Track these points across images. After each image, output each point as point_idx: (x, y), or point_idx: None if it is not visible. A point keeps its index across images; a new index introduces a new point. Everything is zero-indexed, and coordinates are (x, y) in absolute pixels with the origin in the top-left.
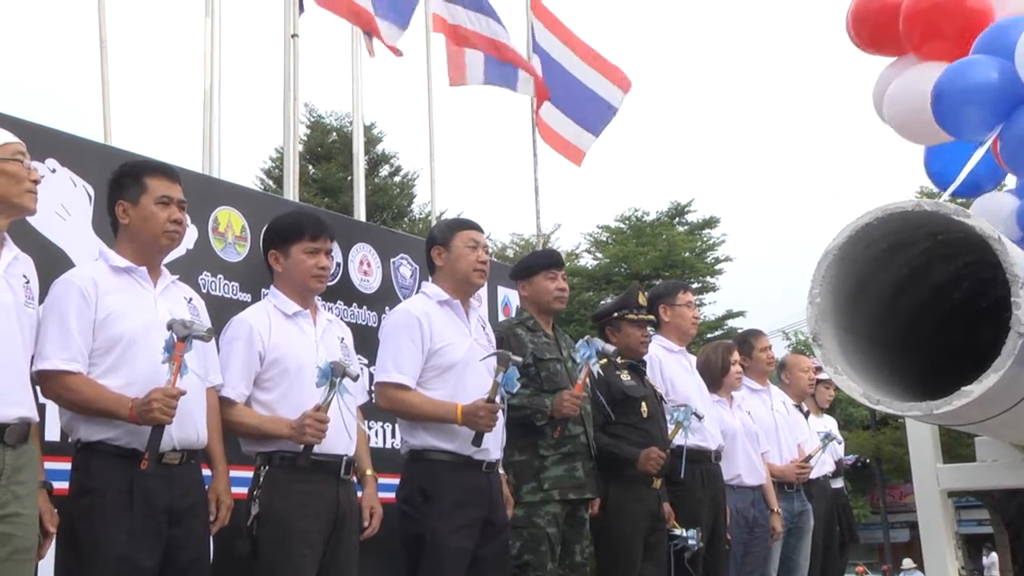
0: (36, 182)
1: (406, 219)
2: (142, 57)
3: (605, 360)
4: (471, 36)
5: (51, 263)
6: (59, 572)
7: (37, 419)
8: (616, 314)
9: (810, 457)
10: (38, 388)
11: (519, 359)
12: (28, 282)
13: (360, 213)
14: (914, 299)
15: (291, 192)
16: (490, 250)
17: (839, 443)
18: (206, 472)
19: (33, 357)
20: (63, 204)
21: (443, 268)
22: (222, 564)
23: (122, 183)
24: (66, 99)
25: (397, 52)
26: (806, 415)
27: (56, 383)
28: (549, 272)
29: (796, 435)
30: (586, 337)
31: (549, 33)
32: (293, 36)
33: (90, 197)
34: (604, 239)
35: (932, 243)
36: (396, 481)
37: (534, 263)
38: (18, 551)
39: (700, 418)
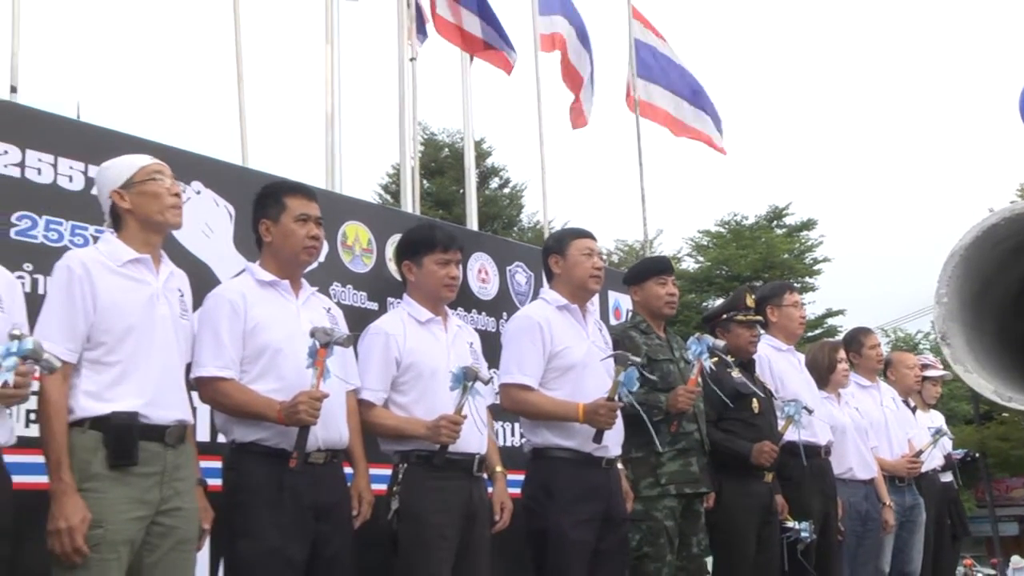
0: (177, 196)
1: (515, 228)
2: (268, 82)
3: (717, 358)
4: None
5: (198, 278)
6: (214, 560)
7: (192, 422)
8: (725, 315)
9: (921, 452)
10: (195, 393)
11: (638, 359)
12: (183, 296)
13: (472, 224)
14: None
15: (409, 205)
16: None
17: (949, 438)
18: (348, 470)
19: (189, 365)
20: (207, 223)
21: (560, 275)
22: (365, 556)
23: (264, 203)
24: (208, 125)
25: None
26: (913, 411)
27: (211, 388)
28: (659, 278)
29: (906, 430)
30: (696, 335)
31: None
32: (411, 60)
33: (231, 215)
34: (705, 243)
35: None
36: (519, 477)
37: (645, 269)
38: (182, 542)
39: (811, 412)
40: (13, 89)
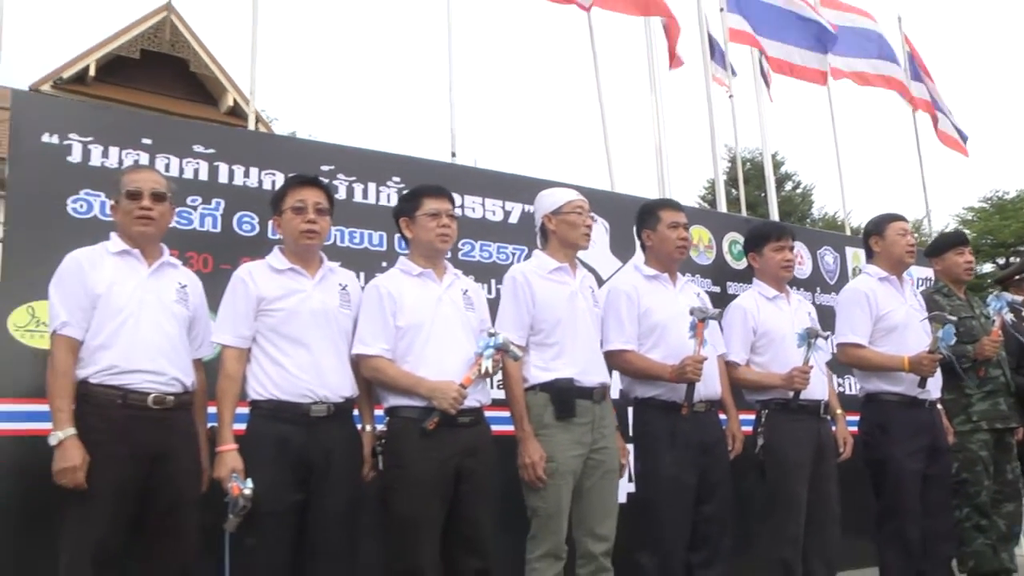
0: (589, 227)
1: (807, 221)
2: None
3: (1014, 313)
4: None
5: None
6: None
7: (610, 383)
8: (1017, 276)
9: None
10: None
11: (953, 318)
12: (593, 291)
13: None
14: None
15: (722, 209)
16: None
17: None
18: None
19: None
20: (592, 237)
21: (880, 253)
22: (737, 480)
23: (644, 217)
24: (579, 162)
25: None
26: None
27: (618, 358)
28: (958, 249)
29: None
30: (995, 292)
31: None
32: (730, 97)
33: (606, 229)
34: (970, 218)
35: None
36: (853, 418)
37: (945, 243)
38: (609, 471)
39: None
40: (453, 154)
